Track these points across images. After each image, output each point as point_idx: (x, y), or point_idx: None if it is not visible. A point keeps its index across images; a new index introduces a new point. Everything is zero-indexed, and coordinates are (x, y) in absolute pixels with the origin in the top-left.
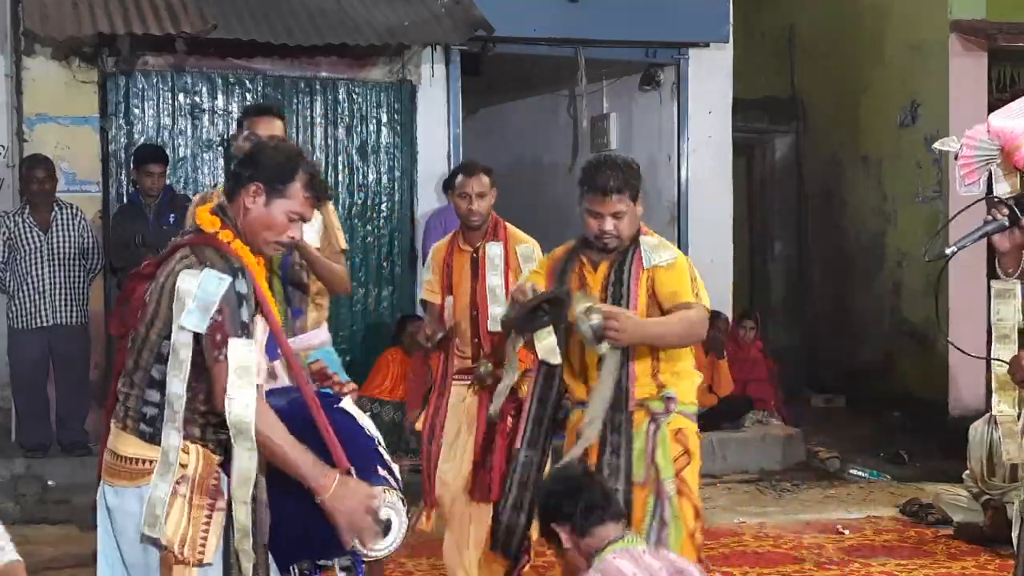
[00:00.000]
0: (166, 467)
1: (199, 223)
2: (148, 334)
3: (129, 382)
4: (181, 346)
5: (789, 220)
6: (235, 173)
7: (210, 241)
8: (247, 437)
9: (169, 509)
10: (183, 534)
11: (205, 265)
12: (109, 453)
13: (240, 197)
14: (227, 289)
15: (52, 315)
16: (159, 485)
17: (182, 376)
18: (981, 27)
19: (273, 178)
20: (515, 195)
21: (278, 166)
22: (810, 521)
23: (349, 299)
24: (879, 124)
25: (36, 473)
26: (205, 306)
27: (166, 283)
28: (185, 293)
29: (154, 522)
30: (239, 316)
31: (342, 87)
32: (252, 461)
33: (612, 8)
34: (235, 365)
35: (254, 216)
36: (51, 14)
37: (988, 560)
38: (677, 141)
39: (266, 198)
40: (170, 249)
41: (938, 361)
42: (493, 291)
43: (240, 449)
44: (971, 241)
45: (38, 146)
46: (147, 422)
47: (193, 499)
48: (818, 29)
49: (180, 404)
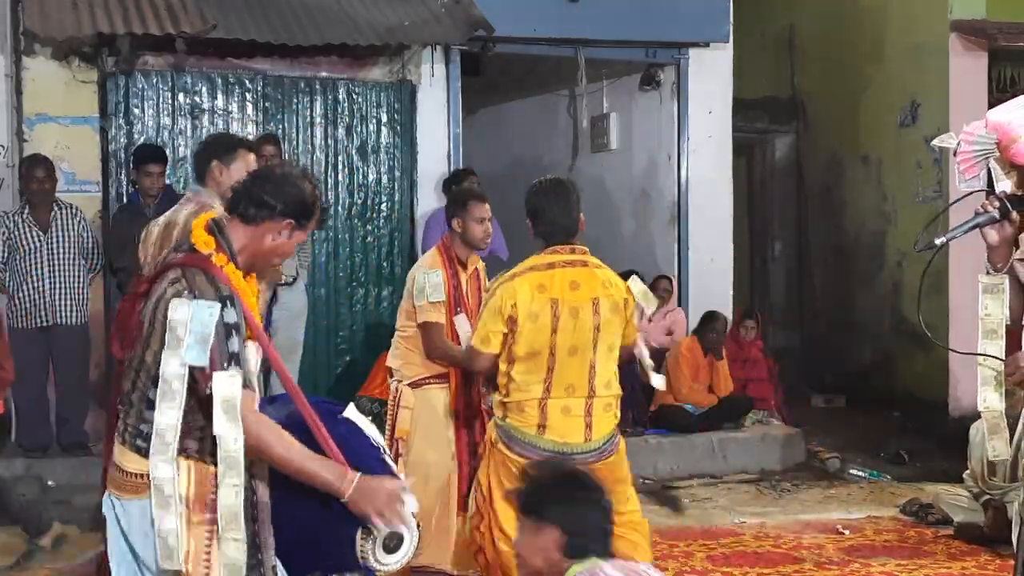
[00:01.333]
0: (164, 500)
1: (193, 241)
2: (144, 356)
3: (128, 401)
4: (174, 377)
5: (789, 220)
6: (265, 202)
7: (202, 264)
8: (236, 474)
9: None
10: (188, 551)
11: (194, 293)
12: (115, 468)
13: (263, 227)
14: (217, 320)
15: (52, 315)
16: (164, 518)
17: (176, 406)
18: (981, 27)
19: (301, 215)
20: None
21: (306, 204)
22: (810, 521)
23: (349, 299)
24: (879, 124)
25: (36, 473)
26: (203, 339)
27: (158, 307)
28: (178, 323)
29: (170, 554)
30: (226, 347)
31: (342, 87)
32: (238, 498)
33: (612, 8)
34: (220, 399)
35: (274, 246)
36: (51, 14)
37: (988, 560)
38: (677, 141)
39: (290, 232)
40: (163, 267)
41: (938, 361)
42: None
43: (226, 486)
44: (962, 232)
45: (38, 146)
46: (144, 439)
47: (192, 517)
48: (818, 29)
49: (173, 435)
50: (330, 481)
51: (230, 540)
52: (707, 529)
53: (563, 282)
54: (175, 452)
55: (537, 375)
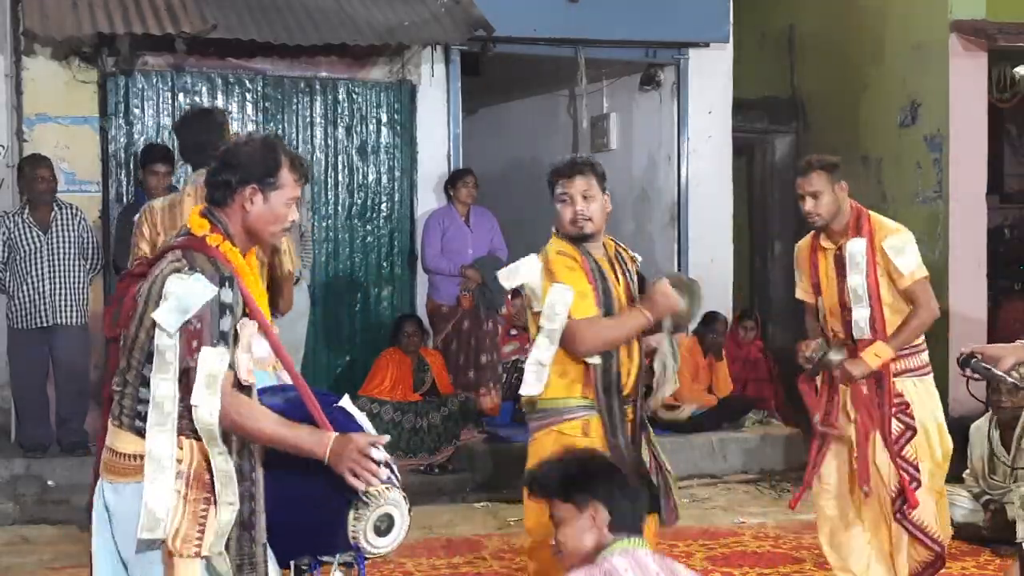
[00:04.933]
0: (159, 470)
1: (189, 226)
2: (138, 334)
3: (123, 381)
4: (166, 348)
5: (789, 220)
6: (221, 181)
7: (200, 246)
8: (215, 442)
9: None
10: (178, 528)
11: (195, 270)
12: (107, 451)
13: (234, 203)
14: (212, 298)
15: (52, 315)
16: (155, 488)
17: (171, 376)
18: (981, 27)
19: (263, 174)
20: (515, 195)
21: (263, 161)
22: (810, 521)
23: (349, 299)
24: (879, 124)
25: (36, 473)
26: (183, 308)
27: (154, 285)
28: (170, 294)
29: (155, 525)
30: (218, 326)
31: (342, 87)
32: (228, 464)
33: (612, 8)
34: (204, 373)
35: (256, 215)
36: (51, 14)
37: (988, 560)
38: (677, 141)
39: (263, 195)
40: (162, 251)
41: (938, 361)
42: (855, 291)
43: (213, 453)
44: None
45: (38, 146)
46: (142, 419)
47: (189, 494)
48: (818, 29)
49: (172, 404)
50: (311, 444)
51: (225, 504)
52: (707, 529)
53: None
54: (175, 423)
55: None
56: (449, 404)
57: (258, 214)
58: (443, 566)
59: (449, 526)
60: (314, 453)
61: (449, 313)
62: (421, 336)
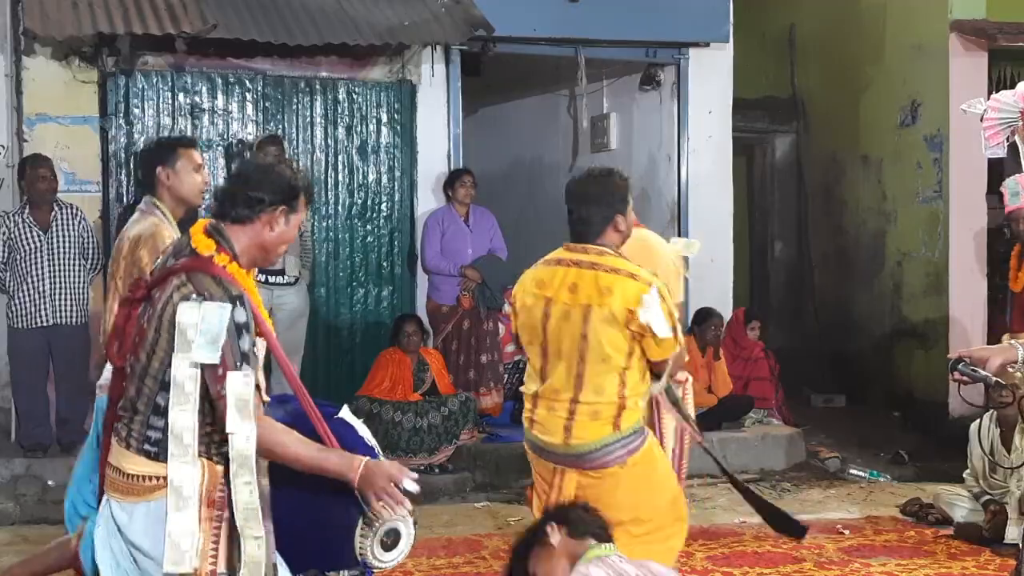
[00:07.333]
0: (182, 502)
1: (194, 245)
2: (150, 362)
3: (130, 407)
4: (186, 379)
5: (789, 220)
6: (253, 198)
7: (205, 267)
8: (248, 471)
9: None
10: (195, 547)
11: (204, 296)
12: (114, 470)
13: (259, 221)
14: (228, 320)
15: (52, 315)
16: (179, 520)
17: (191, 408)
18: (981, 27)
19: (290, 197)
20: (515, 195)
21: (291, 185)
22: (810, 521)
23: (349, 299)
24: (879, 124)
25: (36, 473)
26: (213, 339)
27: (164, 313)
28: (188, 326)
29: (180, 559)
30: (239, 347)
31: (342, 87)
32: (253, 495)
33: (612, 8)
34: (234, 399)
35: (277, 235)
36: (51, 14)
37: (988, 560)
38: (677, 141)
39: (286, 218)
40: (164, 273)
41: (938, 361)
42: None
43: (239, 483)
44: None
45: (38, 146)
46: (152, 444)
47: (202, 513)
48: (818, 29)
49: (192, 436)
50: (341, 468)
51: (251, 538)
52: (707, 529)
53: (564, 282)
54: (195, 453)
55: (535, 368)
56: (449, 404)
57: (279, 234)
58: (443, 566)
59: (449, 526)
60: (344, 476)
61: (449, 313)
62: (421, 336)
